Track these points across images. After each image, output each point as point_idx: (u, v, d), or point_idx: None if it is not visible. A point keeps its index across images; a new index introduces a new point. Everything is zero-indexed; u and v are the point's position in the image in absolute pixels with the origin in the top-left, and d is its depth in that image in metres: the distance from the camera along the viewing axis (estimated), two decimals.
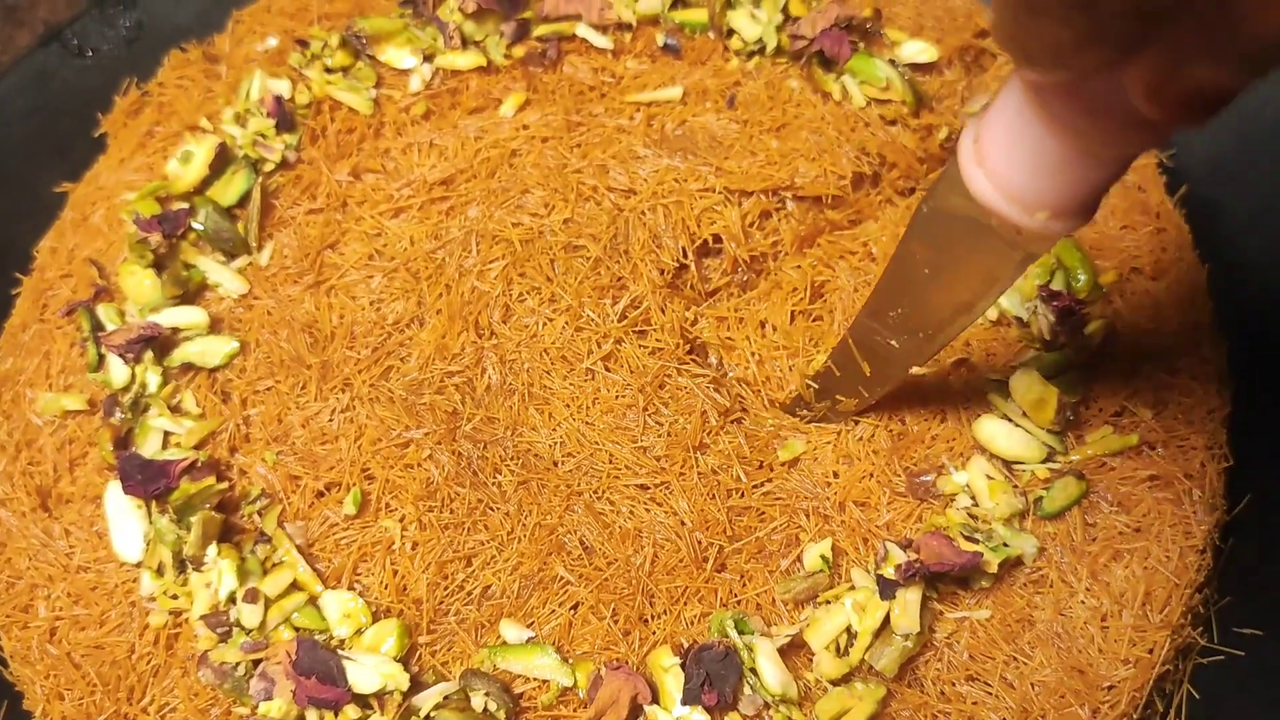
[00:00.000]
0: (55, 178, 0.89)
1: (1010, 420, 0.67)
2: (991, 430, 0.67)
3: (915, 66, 0.82)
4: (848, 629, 0.62)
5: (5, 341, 0.79)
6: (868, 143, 0.78)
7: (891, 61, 0.81)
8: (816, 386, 0.68)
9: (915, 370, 0.67)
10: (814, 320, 0.74)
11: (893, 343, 0.59)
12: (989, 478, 0.65)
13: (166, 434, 0.71)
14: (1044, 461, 0.66)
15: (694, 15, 0.84)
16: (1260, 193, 0.82)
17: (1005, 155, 0.43)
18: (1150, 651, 0.62)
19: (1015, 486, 0.65)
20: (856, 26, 0.81)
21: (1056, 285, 0.71)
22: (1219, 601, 0.71)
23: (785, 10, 0.83)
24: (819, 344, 0.72)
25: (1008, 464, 0.67)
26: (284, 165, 0.81)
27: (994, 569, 0.62)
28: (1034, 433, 0.67)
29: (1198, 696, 0.69)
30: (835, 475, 0.68)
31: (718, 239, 0.76)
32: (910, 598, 0.61)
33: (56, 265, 0.80)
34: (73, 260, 0.80)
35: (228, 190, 0.79)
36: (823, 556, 0.64)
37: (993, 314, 0.72)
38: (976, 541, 0.62)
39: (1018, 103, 0.42)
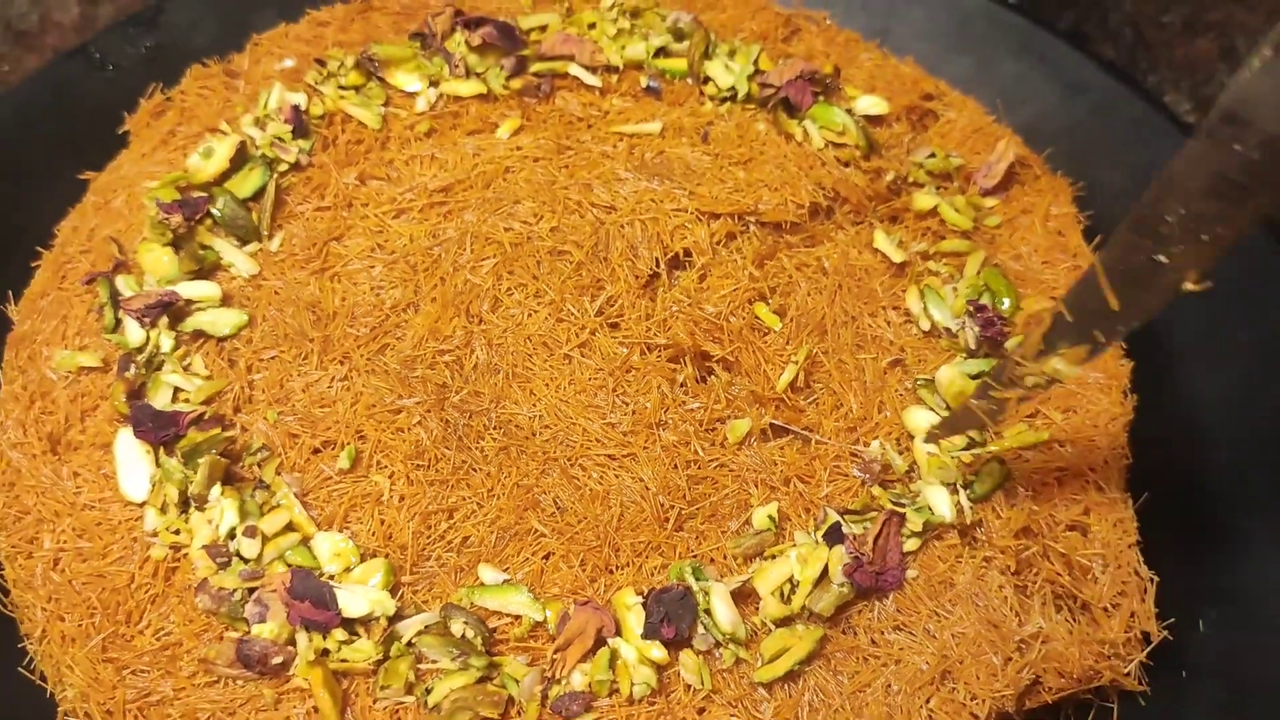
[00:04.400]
0: (71, 178, 0.97)
1: (935, 411, 0.76)
2: (920, 418, 0.76)
3: (868, 118, 0.92)
4: (790, 579, 0.69)
5: (24, 307, 0.85)
6: (824, 179, 0.88)
7: (848, 111, 0.91)
8: (1042, 345, 0.65)
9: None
10: (776, 312, 0.82)
11: (1161, 257, 0.54)
12: (930, 454, 0.74)
13: (176, 390, 0.77)
14: (966, 449, 0.75)
15: (675, 63, 0.94)
16: None
17: None
18: None
19: (953, 464, 0.74)
20: (818, 79, 0.91)
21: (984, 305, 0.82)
22: None
23: (756, 63, 0.93)
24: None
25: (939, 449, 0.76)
26: (297, 167, 0.89)
27: (918, 527, 0.70)
28: None
29: None
30: (782, 452, 0.76)
31: (688, 252, 0.84)
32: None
33: (77, 242, 0.87)
34: (93, 238, 0.87)
35: (244, 184, 0.87)
36: (770, 516, 0.72)
37: (926, 325, 0.82)
38: (903, 506, 0.71)
39: None
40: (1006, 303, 0.82)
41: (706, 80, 0.94)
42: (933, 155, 0.91)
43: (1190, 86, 1.24)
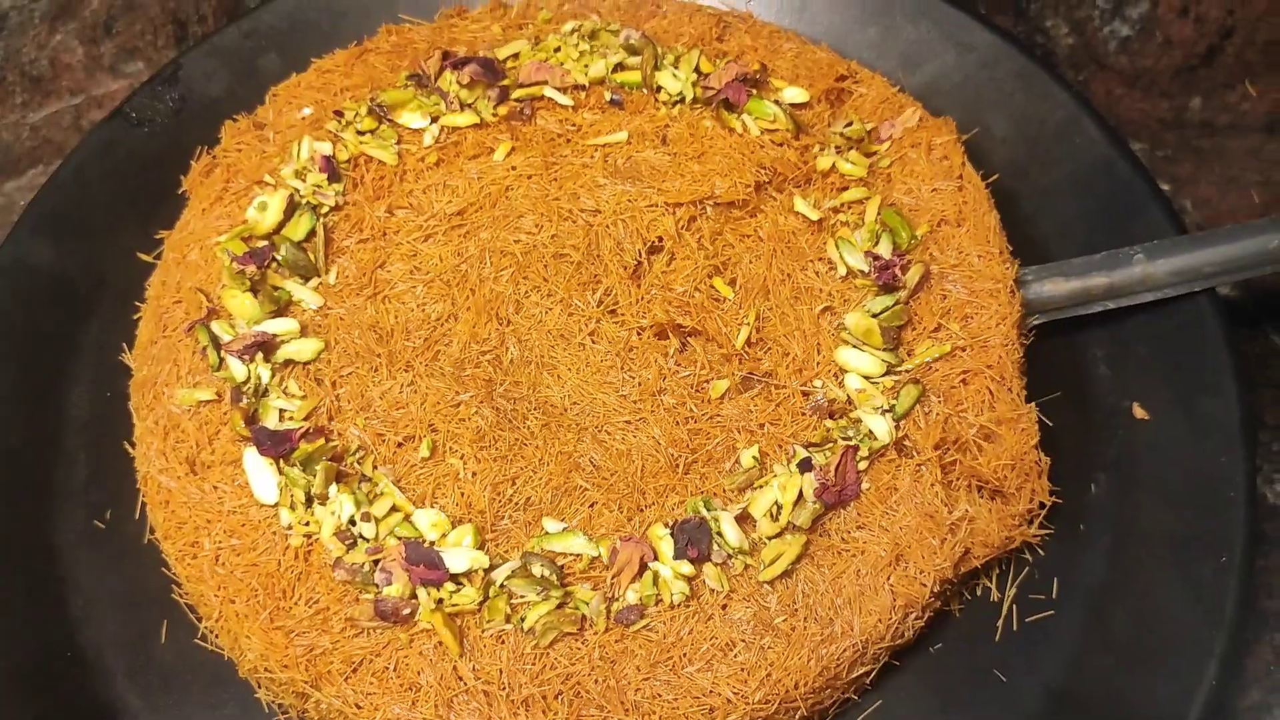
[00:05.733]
0: (133, 228, 1.16)
1: (858, 349, 0.98)
2: (847, 355, 0.98)
3: (794, 105, 1.12)
4: (776, 503, 0.92)
5: (138, 355, 1.04)
6: (763, 160, 1.08)
7: (776, 102, 1.11)
8: None
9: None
10: (729, 282, 1.03)
11: None
12: (859, 390, 0.96)
13: (281, 411, 0.98)
14: (886, 374, 0.97)
15: (630, 76, 1.13)
16: (1042, 180, 1.15)
17: None
18: None
19: (878, 393, 0.96)
20: (750, 79, 1.11)
21: (885, 243, 1.02)
22: None
23: (698, 69, 1.12)
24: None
25: (866, 379, 0.97)
26: (336, 208, 1.08)
27: (866, 453, 0.93)
28: (874, 354, 0.97)
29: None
30: (754, 403, 0.98)
31: (661, 239, 1.05)
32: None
33: (168, 295, 1.06)
34: (180, 290, 1.06)
35: (297, 229, 1.05)
36: (753, 457, 0.94)
37: (843, 271, 1.02)
38: (852, 438, 0.93)
39: None
40: (904, 234, 1.02)
41: (659, 89, 1.12)
42: (850, 124, 1.11)
43: (1066, 9, 1.43)
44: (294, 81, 1.18)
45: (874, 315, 0.98)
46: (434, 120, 1.12)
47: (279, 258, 1.04)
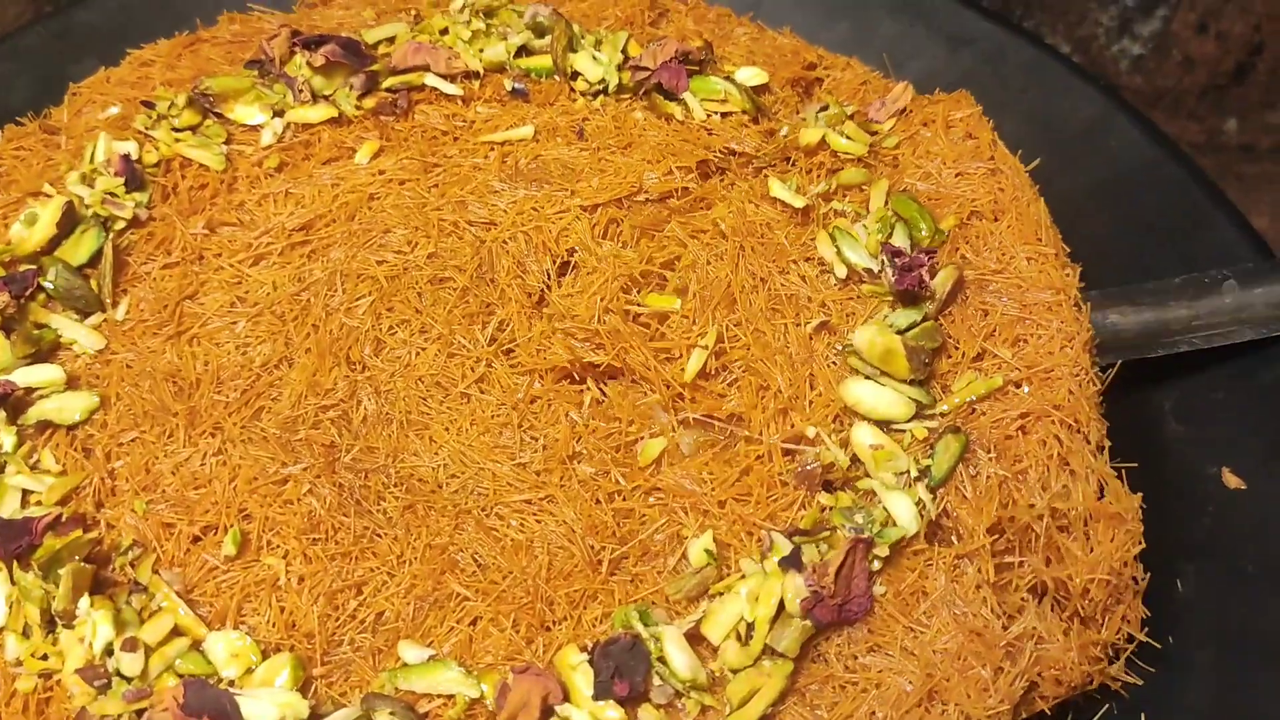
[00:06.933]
0: None
1: (873, 380, 0.70)
2: (859, 391, 0.69)
3: (751, 88, 0.86)
4: (743, 618, 0.62)
5: None
6: (712, 143, 0.81)
7: (729, 78, 0.85)
8: None
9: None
10: (677, 292, 0.75)
11: None
12: (873, 447, 0.67)
13: (26, 492, 0.68)
14: (914, 418, 0.69)
15: (538, 61, 0.87)
16: (1066, 189, 0.89)
17: None
18: None
19: (901, 451, 0.67)
20: (692, 58, 0.85)
21: (900, 235, 0.75)
22: None
23: (624, 51, 0.87)
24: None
25: (885, 426, 0.69)
26: (135, 223, 0.80)
27: (885, 552, 0.64)
28: (898, 388, 0.69)
29: None
30: (709, 468, 0.69)
31: (574, 252, 0.77)
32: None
33: None
34: None
35: (77, 250, 0.77)
36: (706, 550, 0.65)
37: (842, 272, 0.75)
38: (859, 529, 0.64)
39: None
40: (924, 228, 0.76)
41: (575, 75, 0.87)
42: (826, 107, 0.85)
43: (1065, 28, 1.21)
44: (101, 77, 0.91)
45: (899, 331, 0.70)
46: (277, 115, 0.85)
47: (47, 285, 0.75)
